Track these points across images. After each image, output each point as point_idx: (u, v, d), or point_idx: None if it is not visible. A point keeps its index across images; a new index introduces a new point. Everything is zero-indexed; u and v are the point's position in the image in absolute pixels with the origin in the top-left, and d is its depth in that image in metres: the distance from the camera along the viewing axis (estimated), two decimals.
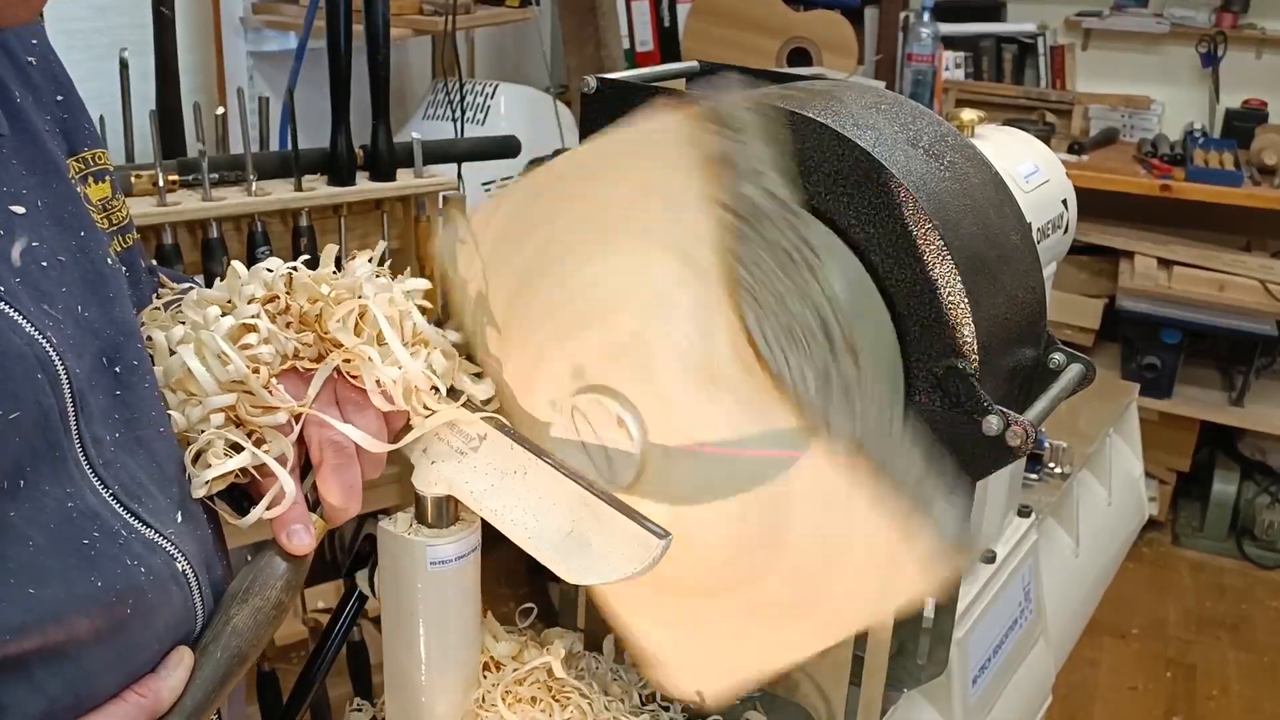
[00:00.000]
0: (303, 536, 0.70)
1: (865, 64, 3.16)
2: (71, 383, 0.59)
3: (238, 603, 0.67)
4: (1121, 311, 3.06)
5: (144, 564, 0.62)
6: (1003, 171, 0.90)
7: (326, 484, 0.71)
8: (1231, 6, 3.25)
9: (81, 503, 0.60)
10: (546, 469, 0.75)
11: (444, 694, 0.84)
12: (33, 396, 0.57)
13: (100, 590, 0.59)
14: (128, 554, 0.61)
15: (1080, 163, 3.08)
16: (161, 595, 0.63)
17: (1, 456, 0.55)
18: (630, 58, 3.03)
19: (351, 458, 0.72)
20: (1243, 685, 2.67)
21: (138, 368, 0.66)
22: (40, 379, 0.57)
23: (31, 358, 0.57)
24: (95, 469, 0.61)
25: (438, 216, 1.83)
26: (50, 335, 0.58)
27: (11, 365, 0.55)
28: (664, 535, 0.70)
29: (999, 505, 1.13)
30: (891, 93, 0.92)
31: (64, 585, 0.57)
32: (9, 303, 0.57)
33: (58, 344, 0.59)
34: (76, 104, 0.70)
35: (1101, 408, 1.54)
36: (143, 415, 0.66)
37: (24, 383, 0.56)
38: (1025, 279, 0.87)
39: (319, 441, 0.71)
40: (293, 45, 2.19)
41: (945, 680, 0.97)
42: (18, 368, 0.56)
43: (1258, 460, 3.20)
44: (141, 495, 0.64)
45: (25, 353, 0.56)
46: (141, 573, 0.62)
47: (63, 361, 0.59)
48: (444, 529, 0.80)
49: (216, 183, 1.60)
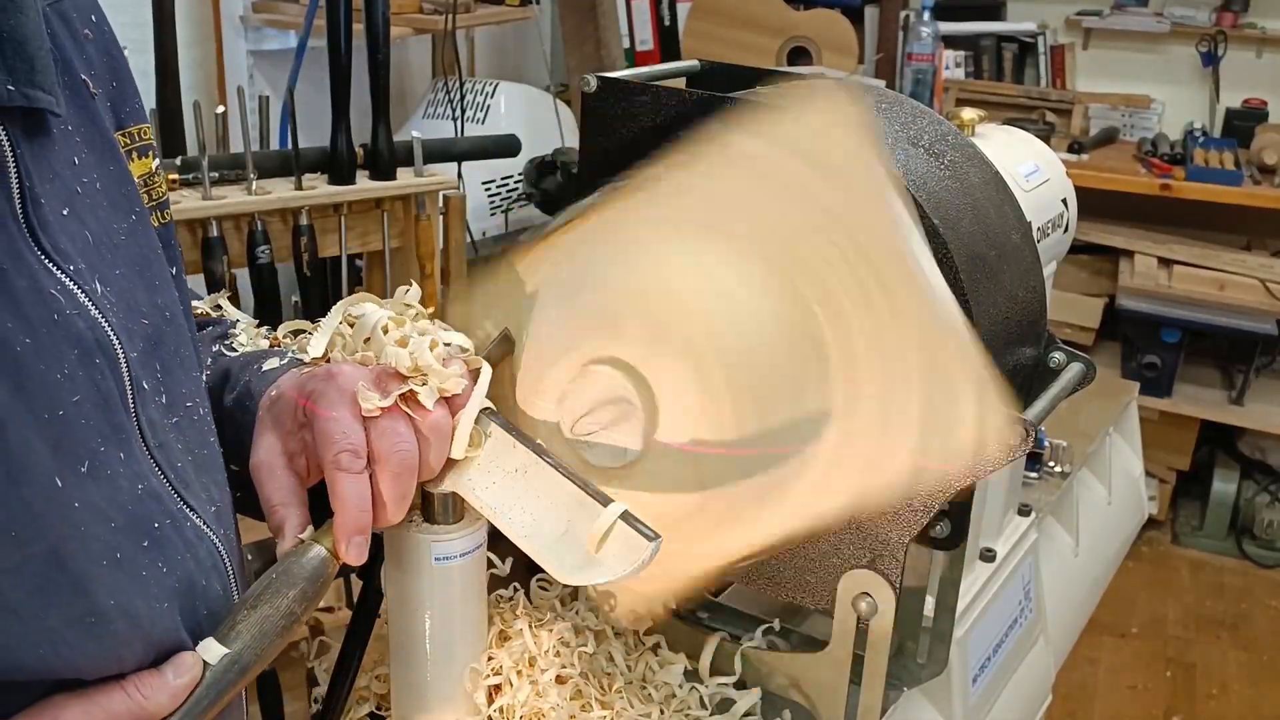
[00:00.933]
0: (362, 549, 0.70)
1: (865, 63, 3.16)
2: (129, 366, 0.58)
3: (246, 608, 0.65)
4: (1121, 311, 3.06)
5: (194, 552, 0.61)
6: (1003, 171, 0.90)
7: (386, 487, 0.71)
8: (1232, 6, 3.25)
9: (147, 485, 0.59)
10: (546, 468, 0.76)
11: (448, 690, 0.84)
12: (90, 379, 0.56)
13: (164, 574, 0.58)
14: (183, 539, 0.60)
15: (1080, 162, 3.08)
16: (206, 584, 0.62)
17: (73, 440, 0.54)
18: (630, 57, 3.02)
19: (412, 470, 0.72)
20: (1242, 684, 2.68)
21: (177, 353, 0.65)
22: (99, 362, 0.56)
23: (91, 340, 0.56)
24: (151, 451, 0.60)
25: (438, 215, 1.83)
26: (110, 316, 0.58)
27: (67, 349, 0.55)
28: (654, 538, 0.71)
29: (999, 504, 1.14)
30: (892, 92, 0.92)
31: (137, 567, 0.57)
32: (78, 283, 0.56)
33: (116, 326, 0.58)
34: (126, 77, 0.68)
35: (1101, 407, 1.54)
36: (181, 402, 0.65)
37: (81, 365, 0.55)
38: (1025, 278, 0.87)
39: (386, 450, 0.71)
40: (293, 44, 2.19)
41: (945, 679, 0.97)
42: (74, 351, 0.55)
43: (1258, 459, 3.20)
44: (189, 481, 0.63)
45: (86, 335, 0.56)
46: (193, 560, 0.61)
47: (120, 344, 0.58)
48: (449, 525, 0.80)
49: (216, 181, 1.60)
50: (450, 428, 0.74)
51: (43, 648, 0.53)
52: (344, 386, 0.71)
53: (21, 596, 0.51)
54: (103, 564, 0.55)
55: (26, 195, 0.55)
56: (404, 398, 0.72)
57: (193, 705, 0.60)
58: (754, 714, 0.91)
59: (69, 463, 0.54)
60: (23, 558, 0.51)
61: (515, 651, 0.87)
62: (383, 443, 0.70)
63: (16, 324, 0.52)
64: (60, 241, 0.57)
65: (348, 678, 0.86)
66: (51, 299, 0.55)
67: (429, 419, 0.72)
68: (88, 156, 0.62)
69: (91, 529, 0.54)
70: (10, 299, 0.52)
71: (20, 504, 0.51)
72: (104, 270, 0.60)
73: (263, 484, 0.73)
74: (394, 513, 0.72)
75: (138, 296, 0.62)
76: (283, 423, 0.74)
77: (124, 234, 0.63)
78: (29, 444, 0.51)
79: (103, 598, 0.55)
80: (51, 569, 0.52)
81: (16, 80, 0.54)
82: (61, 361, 0.54)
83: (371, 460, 0.70)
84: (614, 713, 0.87)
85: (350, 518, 0.69)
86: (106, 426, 0.56)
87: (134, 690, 0.57)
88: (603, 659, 0.91)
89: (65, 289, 0.56)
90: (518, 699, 0.84)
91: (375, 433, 0.71)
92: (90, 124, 0.63)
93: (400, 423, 0.72)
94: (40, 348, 0.53)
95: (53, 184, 0.58)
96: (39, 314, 0.54)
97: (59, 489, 0.52)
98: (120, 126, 0.67)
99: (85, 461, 0.55)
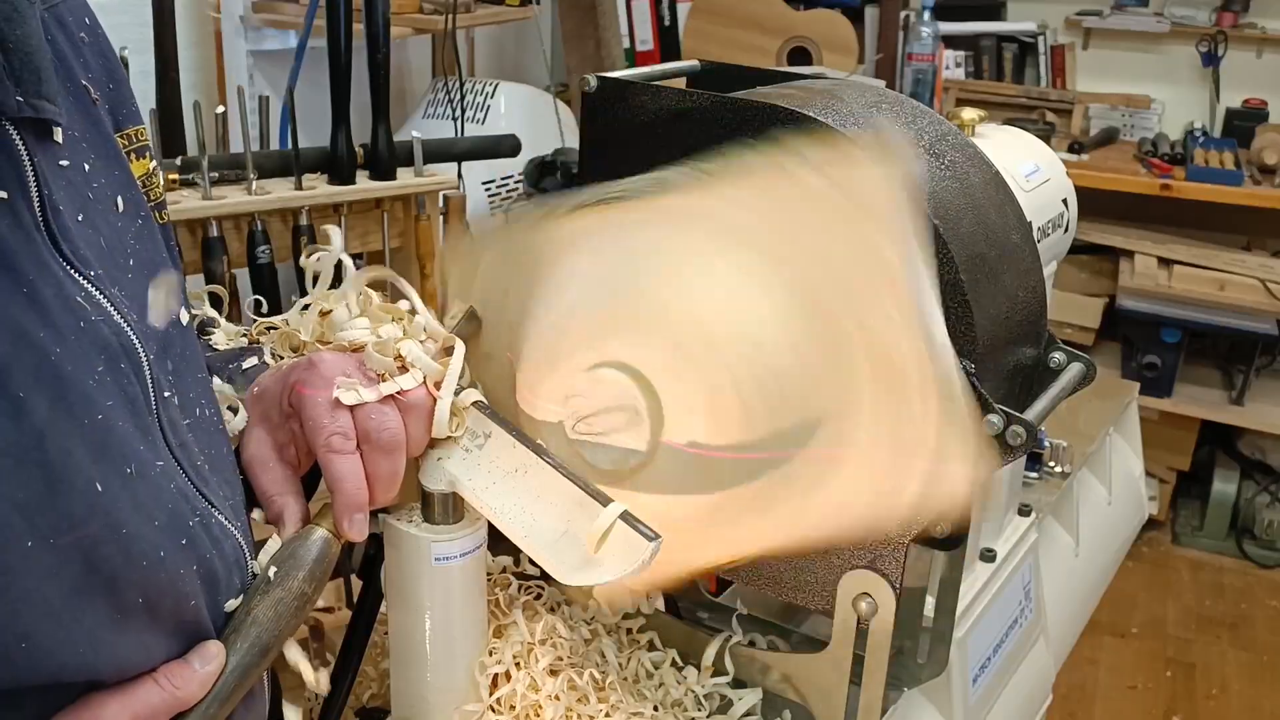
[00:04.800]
0: (362, 526, 0.72)
1: (865, 63, 3.16)
2: (151, 368, 0.60)
3: (259, 594, 0.67)
4: (1122, 311, 3.06)
5: (220, 548, 0.63)
6: (1003, 171, 0.90)
7: (377, 466, 0.73)
8: (1232, 6, 3.25)
9: (176, 483, 0.60)
10: (546, 468, 0.76)
11: (448, 689, 0.84)
12: (118, 384, 0.57)
13: (195, 571, 0.60)
14: (210, 536, 0.62)
15: (1080, 162, 3.08)
16: (228, 579, 0.65)
17: (116, 443, 0.55)
18: (630, 56, 3.02)
19: (401, 446, 0.74)
20: (1242, 684, 2.67)
21: (185, 354, 0.66)
22: (124, 367, 0.57)
23: (116, 345, 0.57)
24: (174, 451, 0.61)
25: (438, 215, 1.83)
26: (132, 320, 0.59)
27: (95, 354, 0.56)
28: (654, 538, 0.71)
29: (999, 504, 1.13)
30: (892, 92, 0.92)
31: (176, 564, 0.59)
32: (100, 288, 0.57)
33: (136, 328, 0.59)
34: (122, 79, 0.69)
35: (1101, 407, 1.54)
36: (193, 403, 0.66)
37: (109, 371, 0.56)
38: (1026, 278, 0.87)
39: (374, 430, 0.73)
40: (293, 44, 2.19)
41: (945, 680, 0.97)
42: (101, 356, 0.56)
43: (1258, 459, 3.20)
44: (208, 479, 0.64)
45: (111, 341, 0.57)
46: (218, 556, 0.63)
47: (142, 347, 0.59)
48: (449, 525, 0.80)
49: (216, 181, 1.60)
50: (430, 404, 0.77)
51: (82, 648, 0.54)
52: (327, 374, 0.74)
53: (60, 601, 0.53)
54: (142, 564, 0.56)
55: (46, 204, 0.55)
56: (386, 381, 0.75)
57: (220, 689, 0.62)
58: (754, 714, 0.91)
59: (114, 465, 0.55)
60: (60, 562, 0.52)
61: (514, 643, 0.87)
62: (369, 423, 0.73)
63: (48, 333, 0.53)
64: (80, 248, 0.57)
65: (347, 678, 0.86)
66: (77, 306, 0.55)
67: (410, 397, 0.75)
68: (95, 162, 0.62)
69: (137, 529, 0.56)
70: (40, 309, 0.53)
71: (59, 512, 0.52)
72: (118, 275, 0.61)
73: (257, 477, 0.75)
74: (387, 489, 0.74)
75: (148, 300, 0.63)
76: (270, 416, 0.76)
77: (133, 238, 0.64)
78: (68, 453, 0.52)
79: (138, 596, 0.56)
80: (89, 571, 0.54)
81: (25, 92, 0.54)
82: (92, 367, 0.55)
83: (360, 441, 0.73)
84: (609, 706, 0.87)
85: (348, 497, 0.72)
86: (135, 430, 0.58)
87: (166, 682, 0.60)
88: (595, 655, 0.91)
89: (89, 296, 0.56)
90: (517, 690, 0.84)
91: (360, 415, 0.73)
92: (94, 129, 0.64)
93: (384, 403, 0.74)
94: (71, 355, 0.54)
95: (66, 191, 0.58)
96: (66, 322, 0.54)
97: (99, 494, 0.54)
98: (118, 129, 0.68)
99: (131, 464, 0.56)
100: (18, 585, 0.51)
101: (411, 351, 0.77)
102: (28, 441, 0.51)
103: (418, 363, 0.77)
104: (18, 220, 0.53)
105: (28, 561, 0.51)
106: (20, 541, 0.50)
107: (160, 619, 0.59)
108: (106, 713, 0.57)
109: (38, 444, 0.51)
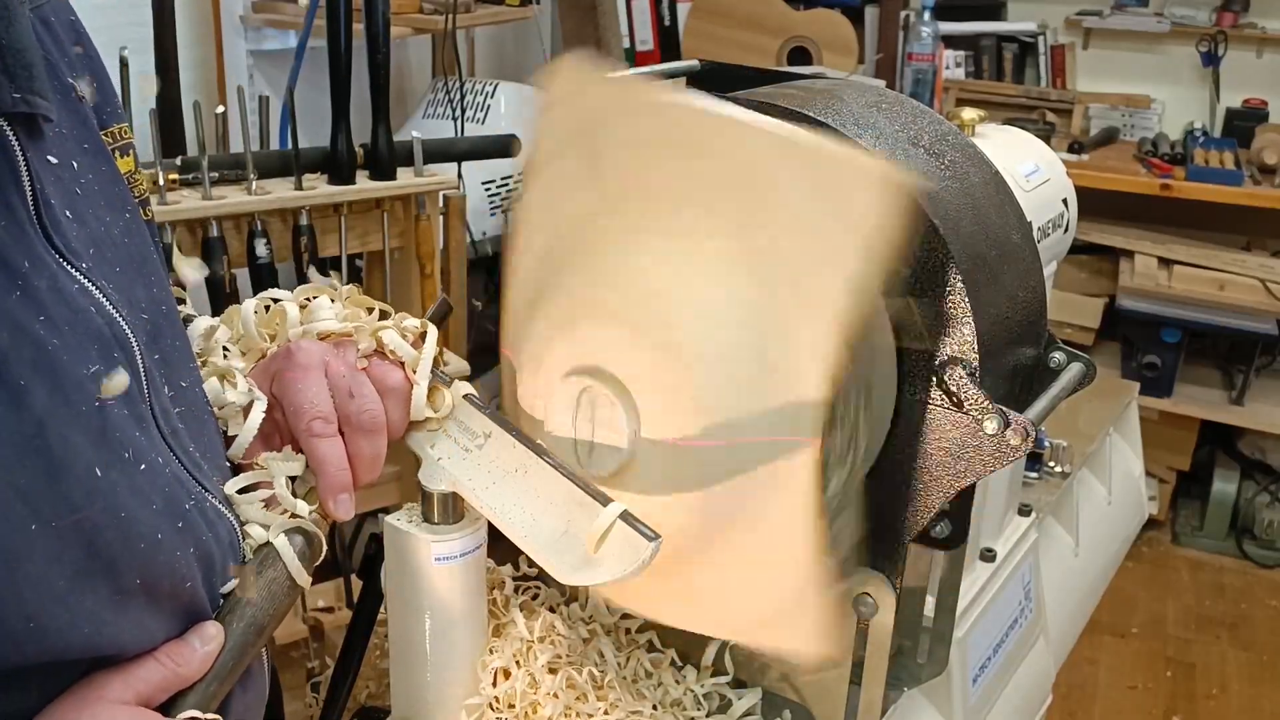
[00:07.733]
0: (348, 505, 0.74)
1: (865, 63, 3.16)
2: (143, 357, 0.61)
3: (253, 574, 0.69)
4: (1121, 311, 3.06)
5: (215, 531, 0.65)
6: (1003, 171, 0.90)
7: (359, 447, 0.75)
8: (1232, 6, 3.25)
9: (171, 469, 0.62)
10: (546, 468, 0.75)
11: (449, 689, 0.84)
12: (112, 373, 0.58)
13: (192, 553, 0.62)
14: (205, 519, 0.64)
15: (1080, 162, 3.08)
16: (223, 560, 0.66)
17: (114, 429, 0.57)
18: (630, 56, 3.02)
19: (381, 427, 0.76)
20: (1242, 684, 2.67)
21: (173, 345, 0.68)
22: (118, 356, 0.58)
23: (109, 335, 0.58)
24: (166, 438, 0.63)
25: (438, 215, 1.83)
26: (122, 311, 0.60)
27: (89, 344, 0.57)
28: (653, 538, 0.71)
29: (999, 504, 1.14)
30: (892, 92, 0.92)
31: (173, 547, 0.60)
32: (92, 280, 0.59)
33: (127, 319, 0.60)
34: (104, 77, 0.71)
35: (1101, 407, 1.54)
36: (182, 392, 0.67)
37: (102, 360, 0.57)
38: (1025, 278, 0.87)
39: (354, 412, 0.75)
40: (293, 44, 2.19)
41: (945, 680, 0.97)
42: (94, 346, 0.57)
43: (1258, 459, 3.20)
44: (200, 465, 0.66)
45: (104, 331, 0.58)
46: (213, 539, 0.65)
47: (134, 337, 0.60)
48: (449, 525, 0.80)
49: (216, 181, 1.60)
50: (408, 386, 0.79)
51: (85, 628, 0.56)
52: (305, 362, 0.76)
53: (63, 583, 0.54)
54: (140, 546, 0.58)
55: (39, 198, 0.56)
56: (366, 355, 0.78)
57: (220, 667, 0.64)
58: (754, 714, 0.91)
59: (113, 451, 0.57)
60: (62, 545, 0.54)
61: (513, 641, 0.87)
62: (349, 406, 0.75)
63: (44, 324, 0.54)
64: (71, 241, 0.58)
65: (348, 678, 0.86)
66: (71, 298, 0.57)
67: (387, 380, 0.78)
68: (82, 159, 0.64)
69: (135, 513, 0.57)
70: (35, 300, 0.54)
71: (60, 497, 0.53)
72: (105, 268, 0.62)
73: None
74: (369, 470, 0.76)
75: (136, 292, 0.64)
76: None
77: (120, 232, 0.65)
78: (67, 440, 0.54)
79: (137, 577, 0.58)
80: (90, 554, 0.55)
81: (19, 87, 0.56)
82: (88, 357, 0.56)
83: (342, 424, 0.75)
84: (608, 704, 0.87)
85: (332, 477, 0.74)
86: (133, 416, 0.59)
87: (167, 660, 0.61)
88: (594, 654, 0.91)
89: (82, 287, 0.58)
90: (516, 688, 0.84)
91: (340, 398, 0.75)
92: (81, 126, 0.65)
93: (364, 385, 0.76)
94: (67, 345, 0.55)
95: (56, 186, 0.59)
96: (61, 313, 0.56)
97: (99, 479, 0.55)
98: (103, 126, 0.69)
99: (128, 449, 0.58)
100: (23, 568, 0.52)
101: (391, 338, 0.79)
102: (28, 430, 0.52)
103: (396, 348, 0.79)
104: (12, 214, 0.55)
105: (32, 545, 0.52)
106: (24, 526, 0.52)
107: (159, 600, 0.60)
108: (110, 690, 0.59)
109: (38, 432, 0.52)
